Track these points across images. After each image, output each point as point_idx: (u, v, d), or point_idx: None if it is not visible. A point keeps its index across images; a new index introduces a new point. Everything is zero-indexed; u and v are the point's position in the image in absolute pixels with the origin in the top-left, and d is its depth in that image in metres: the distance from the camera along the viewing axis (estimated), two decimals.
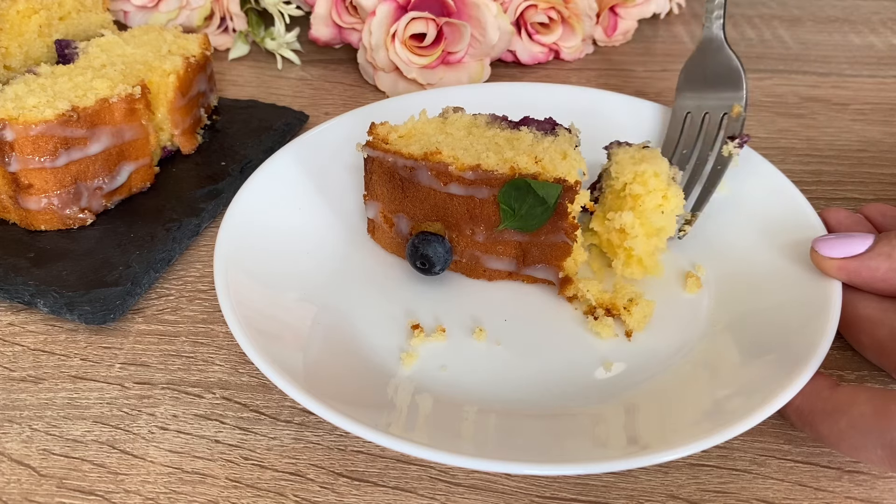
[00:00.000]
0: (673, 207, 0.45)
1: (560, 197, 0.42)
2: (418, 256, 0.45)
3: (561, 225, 0.43)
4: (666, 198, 0.44)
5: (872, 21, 0.84)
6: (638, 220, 0.44)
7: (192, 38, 0.60)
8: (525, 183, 0.42)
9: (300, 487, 0.38)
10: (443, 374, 0.42)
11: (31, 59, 0.58)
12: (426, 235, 0.45)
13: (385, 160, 0.45)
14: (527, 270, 0.46)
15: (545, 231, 0.44)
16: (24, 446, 0.40)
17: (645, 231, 0.45)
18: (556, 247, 0.45)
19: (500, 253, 0.46)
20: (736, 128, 0.52)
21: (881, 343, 0.40)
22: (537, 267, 0.46)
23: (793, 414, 0.37)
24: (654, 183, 0.44)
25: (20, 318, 0.47)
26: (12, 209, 0.51)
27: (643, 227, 0.45)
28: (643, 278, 0.46)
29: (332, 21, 0.71)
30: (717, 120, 0.53)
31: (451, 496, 0.37)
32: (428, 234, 0.45)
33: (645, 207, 0.44)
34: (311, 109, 0.67)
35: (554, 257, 0.45)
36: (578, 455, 0.35)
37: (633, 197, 0.44)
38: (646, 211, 0.44)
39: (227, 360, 0.44)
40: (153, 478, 0.38)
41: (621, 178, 0.45)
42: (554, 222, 0.43)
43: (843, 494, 0.37)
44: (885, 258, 0.40)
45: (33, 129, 0.47)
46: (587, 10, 0.73)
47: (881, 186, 0.58)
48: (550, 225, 0.43)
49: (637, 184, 0.44)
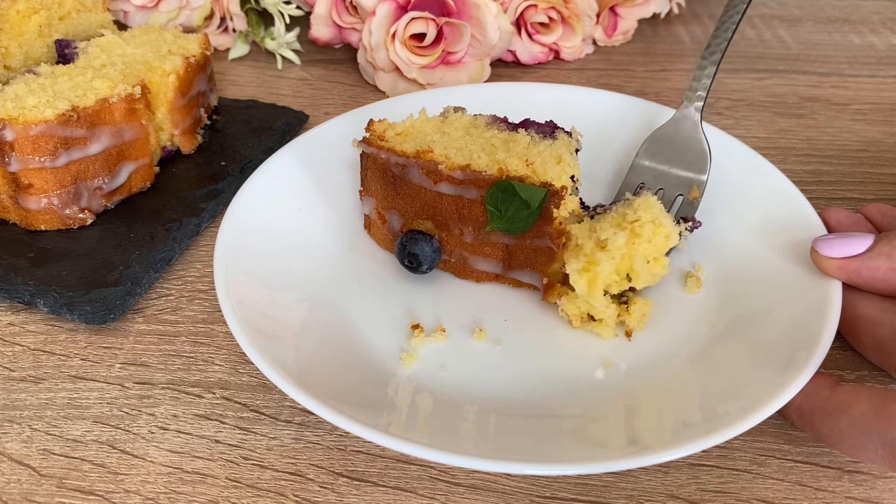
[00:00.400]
0: (653, 273, 0.42)
1: (545, 201, 0.42)
2: (406, 255, 0.45)
3: (546, 230, 0.43)
4: (657, 261, 0.42)
5: (872, 21, 0.84)
6: (625, 249, 0.42)
7: (192, 38, 0.60)
8: (510, 185, 0.42)
9: (300, 487, 0.38)
10: (443, 374, 0.42)
11: (31, 58, 0.58)
12: (414, 234, 0.45)
13: (379, 157, 0.45)
14: (512, 274, 0.46)
15: (531, 235, 0.44)
16: (24, 446, 0.40)
17: (616, 267, 0.42)
18: (542, 251, 0.44)
19: (487, 255, 0.46)
20: (690, 212, 0.49)
21: (881, 343, 0.40)
22: (522, 271, 0.46)
23: (793, 414, 0.37)
24: (660, 240, 0.42)
25: (20, 318, 0.47)
26: (12, 209, 0.51)
27: (622, 260, 0.42)
28: (583, 295, 0.43)
29: (332, 21, 0.71)
30: (671, 197, 0.50)
31: (451, 496, 0.37)
32: (416, 232, 0.45)
33: (637, 250, 0.42)
34: (311, 109, 0.67)
35: (539, 262, 0.45)
36: (578, 455, 0.35)
37: (636, 233, 0.42)
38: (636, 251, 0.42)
39: (227, 359, 0.44)
40: (153, 478, 0.38)
41: (640, 213, 0.43)
42: (539, 227, 0.43)
43: (843, 494, 0.37)
44: (885, 258, 0.40)
45: (33, 128, 0.47)
46: (587, 10, 0.73)
47: (881, 186, 0.58)
48: (536, 229, 0.43)
49: (649, 226, 0.42)
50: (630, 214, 0.43)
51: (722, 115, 0.67)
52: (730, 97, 0.70)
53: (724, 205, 0.50)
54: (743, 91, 0.70)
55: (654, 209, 0.43)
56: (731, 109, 0.68)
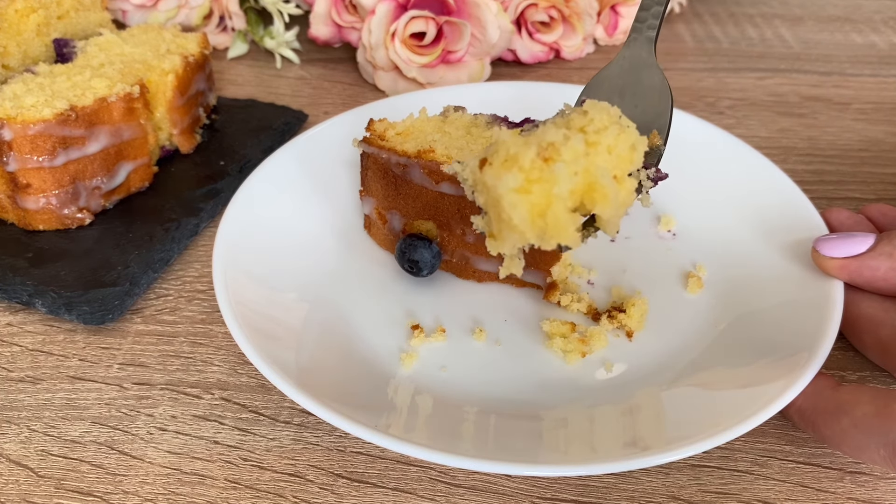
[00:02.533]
0: (618, 200, 0.32)
1: None
2: (405, 261, 0.46)
3: None
4: (621, 182, 0.33)
5: (874, 20, 0.84)
6: (582, 158, 0.31)
7: (190, 37, 0.59)
8: None
9: (299, 489, 0.38)
10: (443, 375, 0.41)
11: (30, 58, 0.58)
12: (413, 241, 0.45)
13: (380, 157, 0.45)
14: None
15: None
16: (22, 447, 0.39)
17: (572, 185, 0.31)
18: (545, 251, 0.44)
19: (490, 255, 0.46)
20: (651, 160, 0.39)
21: (883, 343, 0.40)
22: (526, 271, 0.46)
23: (795, 414, 0.37)
24: (624, 150, 0.33)
25: (18, 319, 0.47)
26: (10, 209, 0.50)
27: (579, 175, 0.31)
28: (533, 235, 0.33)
29: (332, 20, 0.71)
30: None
31: (451, 497, 0.37)
32: (415, 238, 0.45)
33: (597, 162, 0.31)
34: (310, 109, 0.66)
35: (542, 261, 0.45)
36: (579, 456, 0.35)
37: (591, 142, 0.32)
38: (595, 163, 0.31)
39: (226, 360, 0.44)
40: (152, 479, 0.38)
41: (593, 116, 0.33)
42: None
43: (845, 495, 0.37)
44: (886, 258, 0.40)
45: (31, 128, 0.47)
46: (588, 9, 0.73)
47: (883, 186, 0.58)
48: None
49: (613, 129, 0.32)
50: (578, 120, 0.33)
51: (723, 114, 0.67)
52: (731, 96, 0.69)
53: (726, 204, 0.50)
54: (744, 90, 0.70)
55: (612, 111, 0.34)
56: (733, 109, 0.68)
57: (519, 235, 0.32)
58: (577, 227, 0.32)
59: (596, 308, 0.45)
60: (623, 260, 0.49)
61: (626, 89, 0.41)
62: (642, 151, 0.33)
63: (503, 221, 0.32)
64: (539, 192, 0.31)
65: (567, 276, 0.46)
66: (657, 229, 0.51)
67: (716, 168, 0.52)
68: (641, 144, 0.33)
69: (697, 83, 0.72)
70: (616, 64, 0.43)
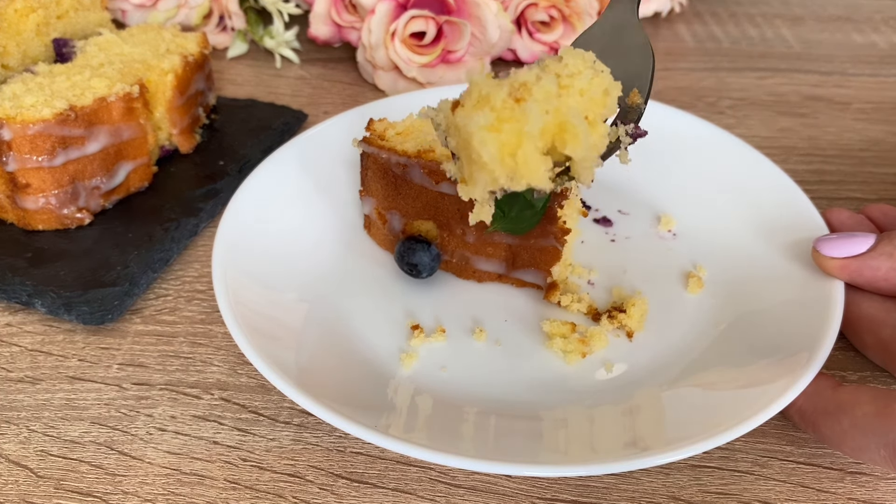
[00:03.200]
0: (590, 143, 0.32)
1: (549, 202, 0.42)
2: (404, 263, 0.46)
3: (550, 229, 0.43)
4: (593, 125, 0.32)
5: (875, 20, 0.84)
6: (554, 99, 0.31)
7: (190, 37, 0.59)
8: None
9: (299, 489, 0.38)
10: (443, 375, 0.41)
11: (29, 57, 0.58)
12: (412, 243, 0.45)
13: (380, 156, 0.45)
14: (516, 273, 0.46)
15: (535, 235, 0.44)
16: (21, 447, 0.39)
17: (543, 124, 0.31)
18: (546, 251, 0.44)
19: (490, 255, 0.46)
20: (632, 117, 0.39)
21: (884, 343, 0.40)
22: (526, 271, 0.46)
23: (795, 415, 0.37)
24: (597, 94, 0.32)
25: (17, 319, 0.47)
26: (10, 209, 0.50)
27: (550, 115, 0.31)
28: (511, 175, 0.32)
29: (332, 19, 0.71)
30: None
31: (451, 497, 0.37)
32: (414, 241, 0.45)
33: (569, 103, 0.31)
34: (310, 108, 0.66)
35: (543, 262, 0.45)
36: (579, 456, 0.35)
37: (564, 85, 0.33)
38: (567, 104, 0.31)
39: (226, 360, 0.44)
40: (151, 479, 0.38)
41: (567, 61, 0.34)
42: (543, 226, 0.43)
43: (845, 496, 0.37)
44: (886, 258, 0.40)
45: (31, 128, 0.47)
46: (588, 9, 0.72)
47: (884, 186, 0.58)
48: (540, 229, 0.43)
49: (587, 73, 0.32)
50: (553, 66, 0.33)
51: (724, 114, 0.67)
52: (732, 96, 0.69)
53: (726, 204, 0.50)
54: (745, 90, 0.70)
55: (587, 56, 0.34)
56: (733, 108, 0.67)
57: (489, 176, 0.32)
58: (548, 168, 0.32)
59: (596, 308, 0.45)
60: (623, 260, 0.49)
61: (607, 49, 0.40)
62: (615, 96, 0.33)
63: (474, 163, 0.32)
64: (509, 131, 0.31)
65: (567, 276, 0.46)
66: (657, 229, 0.51)
67: (716, 168, 0.52)
68: (615, 89, 0.33)
69: (698, 83, 0.72)
70: (598, 25, 0.42)
